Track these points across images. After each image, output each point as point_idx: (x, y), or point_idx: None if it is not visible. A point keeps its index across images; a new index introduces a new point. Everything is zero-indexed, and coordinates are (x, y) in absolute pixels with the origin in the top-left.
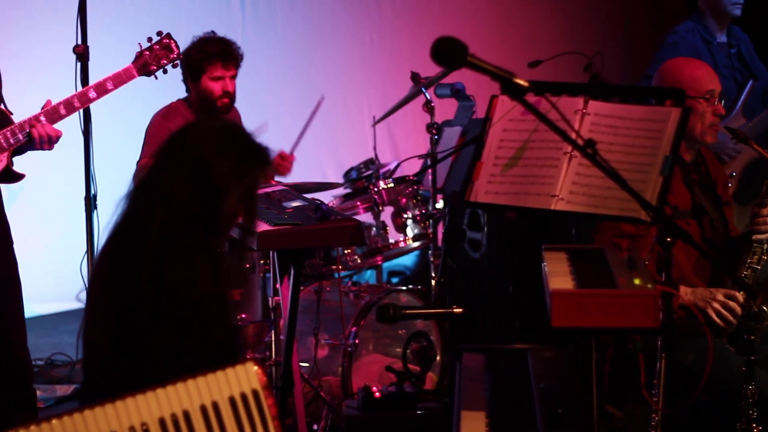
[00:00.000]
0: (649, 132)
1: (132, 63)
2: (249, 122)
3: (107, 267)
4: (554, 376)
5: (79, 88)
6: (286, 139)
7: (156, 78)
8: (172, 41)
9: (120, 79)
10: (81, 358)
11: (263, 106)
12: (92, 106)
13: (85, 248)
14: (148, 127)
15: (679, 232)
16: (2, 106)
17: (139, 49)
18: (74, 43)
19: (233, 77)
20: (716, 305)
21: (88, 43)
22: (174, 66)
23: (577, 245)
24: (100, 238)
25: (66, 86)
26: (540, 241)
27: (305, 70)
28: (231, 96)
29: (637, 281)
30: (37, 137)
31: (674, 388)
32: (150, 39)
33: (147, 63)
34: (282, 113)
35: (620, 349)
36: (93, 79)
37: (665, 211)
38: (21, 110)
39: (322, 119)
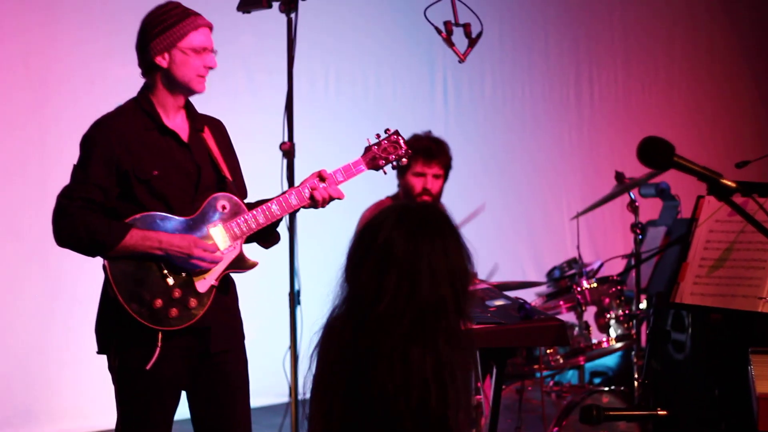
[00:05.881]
0: None
1: (361, 156)
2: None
3: (330, 360)
4: None
5: (285, 186)
6: (483, 233)
7: (385, 173)
8: (400, 137)
9: (350, 171)
10: None
11: (463, 201)
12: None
13: (288, 344)
14: (357, 224)
15: None
16: (234, 194)
17: (368, 144)
18: (281, 141)
19: (437, 176)
20: None
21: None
22: (402, 163)
23: None
24: (304, 334)
25: (272, 184)
26: (746, 343)
27: (504, 166)
28: (432, 195)
29: None
30: (320, 199)
31: None
32: (378, 135)
33: (376, 157)
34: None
35: None
36: (299, 177)
37: None
38: None
39: (521, 217)
